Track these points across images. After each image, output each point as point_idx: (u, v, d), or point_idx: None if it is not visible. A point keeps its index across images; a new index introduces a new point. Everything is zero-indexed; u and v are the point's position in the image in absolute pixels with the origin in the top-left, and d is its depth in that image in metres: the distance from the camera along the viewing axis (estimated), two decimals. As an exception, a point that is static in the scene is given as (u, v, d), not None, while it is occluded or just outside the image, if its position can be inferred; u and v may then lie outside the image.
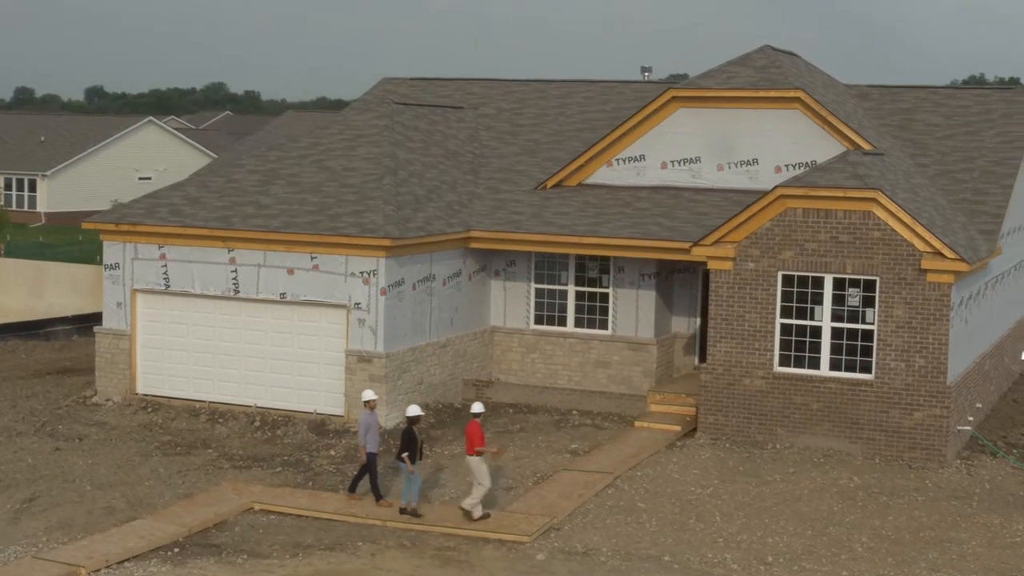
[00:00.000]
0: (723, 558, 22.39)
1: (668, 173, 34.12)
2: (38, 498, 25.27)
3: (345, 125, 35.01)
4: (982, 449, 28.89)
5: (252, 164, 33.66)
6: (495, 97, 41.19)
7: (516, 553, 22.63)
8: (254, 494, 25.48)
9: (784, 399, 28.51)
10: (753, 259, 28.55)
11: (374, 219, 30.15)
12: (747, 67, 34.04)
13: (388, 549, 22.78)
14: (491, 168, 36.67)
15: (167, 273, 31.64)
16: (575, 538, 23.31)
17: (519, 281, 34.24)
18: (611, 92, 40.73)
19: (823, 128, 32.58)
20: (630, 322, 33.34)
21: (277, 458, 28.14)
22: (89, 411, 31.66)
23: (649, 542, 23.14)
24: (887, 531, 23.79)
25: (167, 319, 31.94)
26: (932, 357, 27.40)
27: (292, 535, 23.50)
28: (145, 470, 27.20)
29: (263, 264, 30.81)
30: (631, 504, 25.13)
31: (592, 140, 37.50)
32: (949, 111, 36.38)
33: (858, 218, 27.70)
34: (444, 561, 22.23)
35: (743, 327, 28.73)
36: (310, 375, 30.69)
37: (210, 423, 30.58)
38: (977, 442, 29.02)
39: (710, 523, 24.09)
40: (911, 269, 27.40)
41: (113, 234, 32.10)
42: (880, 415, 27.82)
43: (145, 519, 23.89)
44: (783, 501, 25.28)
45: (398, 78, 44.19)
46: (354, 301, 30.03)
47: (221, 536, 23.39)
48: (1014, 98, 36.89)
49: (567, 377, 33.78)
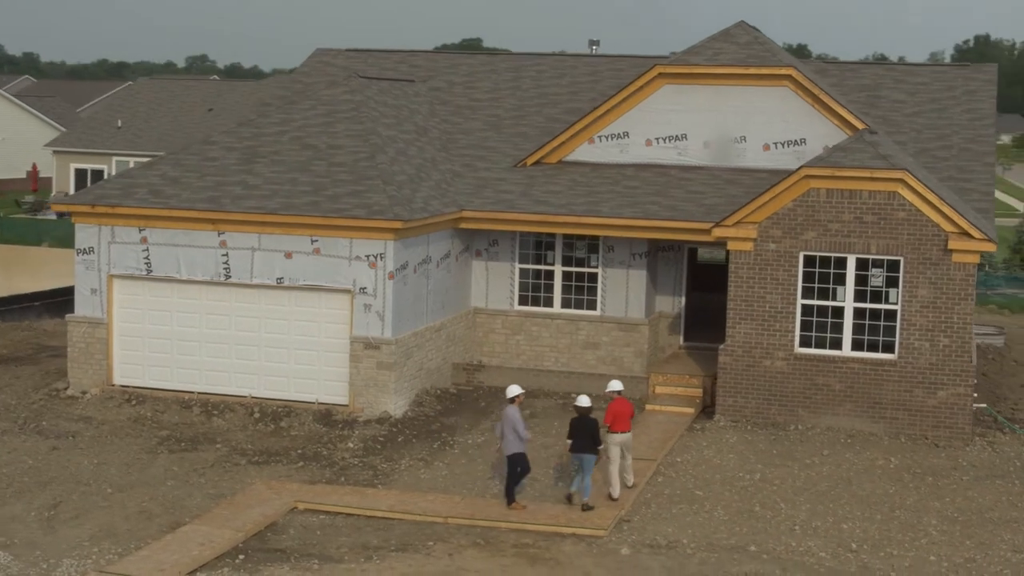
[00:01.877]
0: (808, 546, 22.09)
1: (653, 150, 33.62)
2: (61, 503, 23.54)
3: (316, 100, 33.53)
4: (989, 424, 29.21)
5: (226, 141, 31.98)
6: (441, 70, 40.06)
7: (598, 548, 21.94)
8: (293, 492, 24.21)
9: (806, 380, 28.38)
10: (775, 240, 28.29)
11: (378, 200, 28.92)
12: (730, 43, 33.71)
13: (463, 548, 21.84)
14: (459, 145, 35.64)
15: (149, 258, 29.85)
16: (650, 530, 22.74)
17: (502, 261, 33.38)
18: (563, 66, 39.99)
19: (813, 106, 32.46)
20: (619, 302, 32.81)
21: (292, 452, 26.83)
22: (66, 405, 29.74)
23: (726, 532, 22.71)
24: (951, 513, 23.82)
25: (148, 306, 30.17)
26: (956, 336, 27.58)
27: (353, 536, 22.38)
28: (158, 469, 25.63)
29: (257, 248, 29.30)
30: (688, 492, 24.66)
31: (555, 115, 36.89)
32: (911, 88, 36.69)
33: (883, 198, 27.65)
34: (530, 560, 21.40)
35: (764, 308, 28.47)
36: (309, 363, 29.36)
37: (205, 415, 29.01)
38: (983, 416, 29.32)
39: (776, 510, 23.78)
40: (936, 249, 27.49)
41: (88, 216, 30.13)
42: (903, 395, 27.91)
43: (193, 524, 22.42)
44: (835, 485, 25.13)
45: (333, 49, 42.64)
46: (359, 285, 28.79)
47: (279, 540, 22.13)
48: (972, 75, 37.41)
49: (553, 359, 33.10)
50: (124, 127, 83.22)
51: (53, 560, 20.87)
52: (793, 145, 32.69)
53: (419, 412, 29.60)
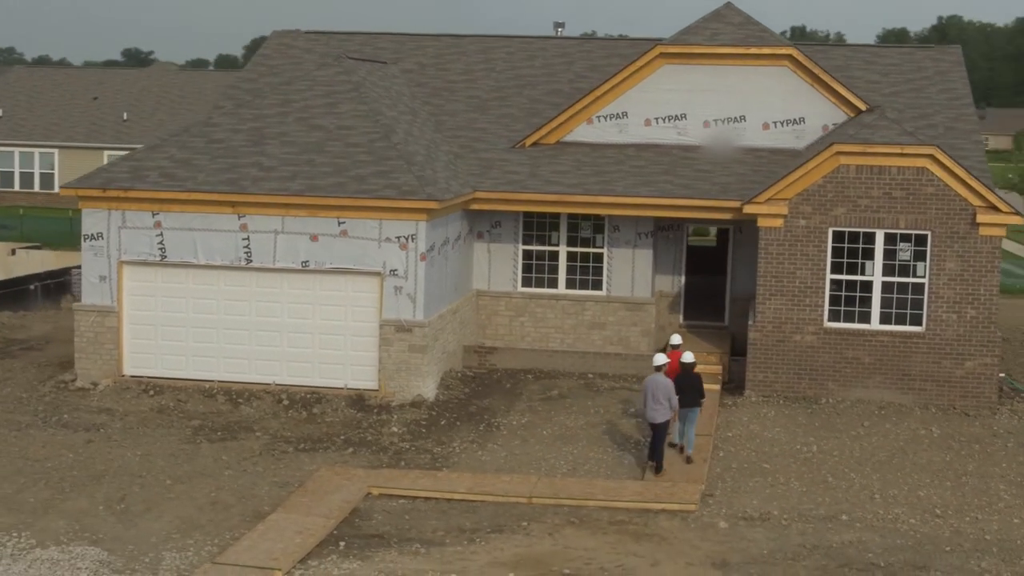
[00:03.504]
0: (895, 514, 22.40)
1: (652, 130, 33.69)
2: (126, 496, 22.63)
3: (312, 81, 32.78)
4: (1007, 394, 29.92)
5: (228, 123, 31.10)
6: (408, 52, 39.59)
7: (695, 522, 21.92)
8: (363, 478, 23.67)
9: (835, 353, 28.76)
10: (805, 216, 28.60)
11: (407, 180, 28.43)
12: (724, 24, 33.97)
13: (561, 527, 21.61)
14: (449, 126, 35.25)
15: (163, 243, 28.87)
16: (736, 503, 22.81)
17: (505, 243, 33.10)
18: (532, 48, 39.90)
19: (812, 85, 32.91)
20: (626, 282, 32.83)
21: (335, 438, 26.24)
22: (79, 397, 28.61)
23: (810, 502, 22.91)
24: (1014, 477, 24.41)
25: (161, 293, 29.19)
26: (983, 308, 28.26)
27: (442, 519, 21.97)
28: (206, 459, 24.82)
29: (280, 231, 28.55)
30: (756, 465, 24.81)
31: (537, 96, 36.79)
32: (883, 69, 37.44)
33: (912, 174, 28.16)
34: (633, 536, 21.27)
35: (794, 284, 28.77)
36: (336, 348, 28.72)
37: (231, 404, 28.19)
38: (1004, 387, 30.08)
39: (849, 480, 24.07)
40: (964, 223, 28.10)
41: (97, 200, 29.00)
42: (931, 366, 28.49)
43: (279, 513, 21.75)
44: (893, 455, 25.54)
45: (293, 31, 41.80)
46: (389, 268, 28.27)
47: (370, 525, 21.61)
48: (939, 56, 38.34)
49: (559, 340, 32.96)
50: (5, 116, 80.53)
51: (152, 554, 20.04)
52: (792, 124, 33.10)
53: (450, 395, 29.23)
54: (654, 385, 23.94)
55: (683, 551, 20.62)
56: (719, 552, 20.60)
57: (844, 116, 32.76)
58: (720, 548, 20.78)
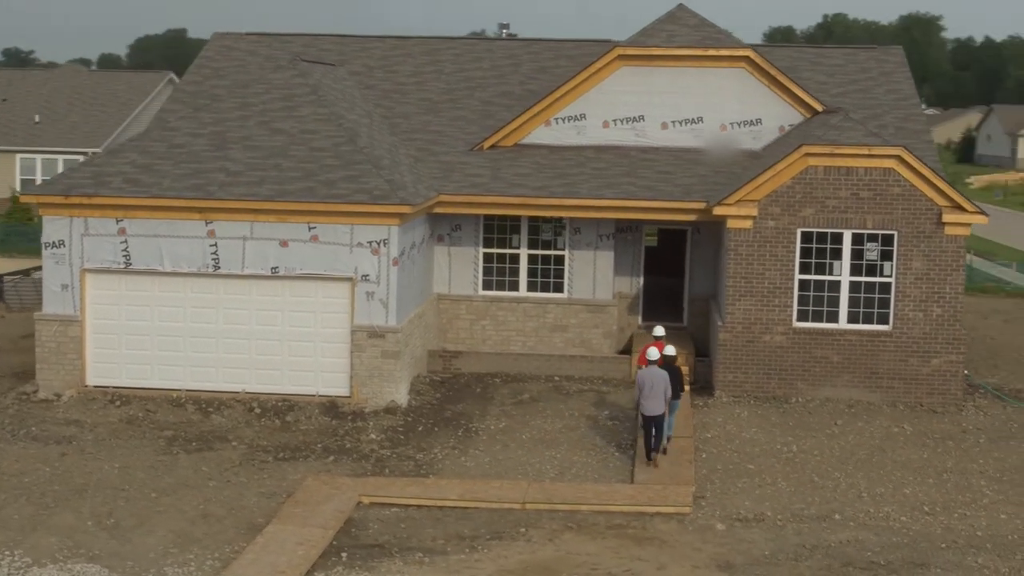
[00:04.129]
0: (885, 512, 22.68)
1: (611, 132, 33.76)
2: (114, 511, 22.14)
3: (268, 84, 32.32)
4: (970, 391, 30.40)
5: (187, 127, 30.57)
6: (353, 54, 39.28)
7: (691, 525, 22.00)
8: (351, 487, 23.39)
9: (804, 353, 29.05)
10: (773, 217, 28.84)
11: (378, 185, 28.18)
12: (680, 26, 34.15)
13: (560, 533, 21.56)
14: (403, 129, 35.01)
15: (128, 250, 28.31)
16: (728, 505, 22.94)
17: (466, 246, 32.96)
18: (478, 50, 39.85)
19: (769, 87, 33.22)
20: (587, 284, 32.86)
21: (314, 446, 25.93)
22: (43, 409, 27.94)
23: (801, 502, 23.11)
24: (992, 473, 24.84)
25: (126, 301, 28.61)
26: (949, 306, 28.71)
27: (438, 527, 21.80)
28: (186, 470, 24.38)
29: (249, 236, 28.14)
30: (740, 466, 24.97)
31: (488, 98, 36.72)
32: (828, 69, 37.91)
33: (879, 175, 28.52)
34: (634, 540, 21.29)
35: (763, 284, 28.99)
36: (306, 355, 28.38)
37: (202, 414, 27.72)
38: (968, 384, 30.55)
39: (835, 479, 24.32)
40: (929, 223, 28.52)
41: (59, 208, 28.33)
42: (898, 364, 28.88)
43: (274, 524, 21.43)
44: (872, 453, 25.84)
45: (233, 33, 41.30)
46: (361, 273, 27.99)
47: (367, 535, 21.39)
48: (883, 57, 38.92)
49: (521, 343, 32.90)
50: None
51: (154, 570, 19.65)
52: (749, 125, 33.38)
53: (422, 401, 29.03)
54: (651, 378, 24.28)
55: (686, 554, 20.68)
56: (721, 554, 20.69)
57: (800, 117, 33.12)
58: (722, 550, 20.87)
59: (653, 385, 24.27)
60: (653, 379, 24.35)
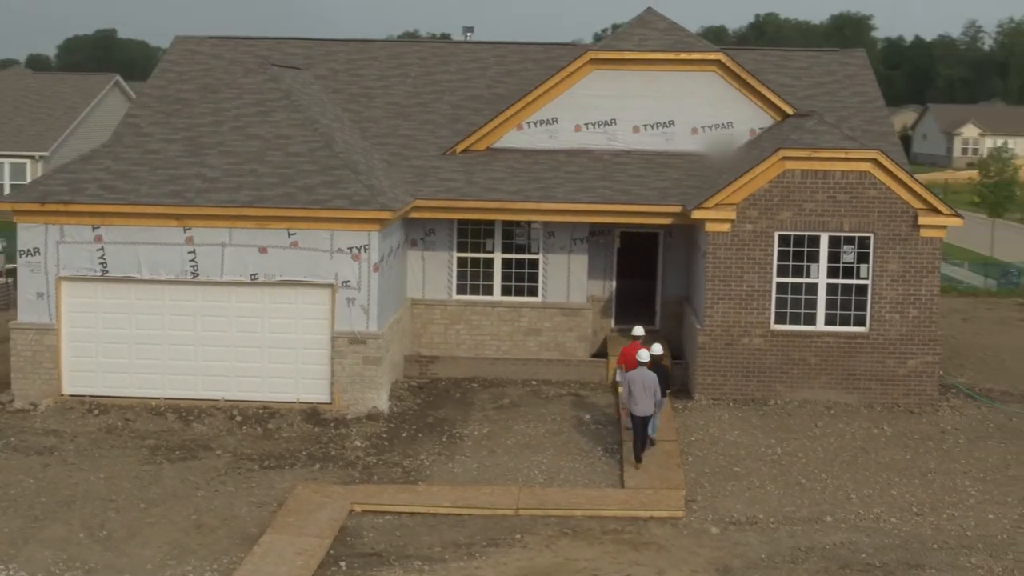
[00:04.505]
0: (875, 513, 22.91)
1: (582, 136, 33.81)
2: (105, 522, 21.89)
3: (240, 89, 32.08)
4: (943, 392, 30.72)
5: (160, 132, 30.28)
6: (319, 58, 39.08)
7: (686, 529, 22.11)
8: (342, 495, 23.29)
9: (782, 355, 29.25)
10: (751, 220, 29.02)
11: (358, 190, 28.05)
12: (650, 30, 34.27)
13: (556, 539, 21.59)
14: (372, 133, 34.87)
15: (104, 257, 27.99)
16: (720, 508, 23.07)
17: (440, 251, 32.88)
18: (443, 53, 39.76)
19: (740, 90, 33.40)
20: (561, 288, 32.89)
21: (299, 454, 25.76)
22: (20, 419, 27.57)
23: (791, 505, 23.29)
24: (974, 473, 25.14)
25: (102, 309, 28.29)
26: (924, 307, 29.01)
27: (434, 535, 21.77)
28: (173, 480, 24.15)
29: (228, 243, 27.92)
30: (728, 470, 25.11)
31: (457, 102, 36.68)
32: (793, 72, 38.19)
33: (855, 178, 28.77)
34: (631, 545, 21.36)
35: (741, 287, 29.16)
36: (286, 361, 28.20)
37: (182, 422, 27.47)
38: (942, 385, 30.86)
39: (822, 481, 24.52)
40: (905, 225, 28.81)
41: (35, 215, 27.96)
42: (875, 365, 29.15)
43: (269, 534, 21.29)
44: (856, 455, 26.07)
45: (194, 37, 40.93)
46: (342, 279, 27.86)
47: (363, 543, 21.31)
48: (846, 60, 39.27)
49: (495, 347, 32.85)
50: None
51: (153, 583, 19.48)
52: (720, 128, 33.56)
53: (403, 407, 28.94)
54: (641, 379, 24.69)
55: (684, 558, 20.78)
56: (719, 558, 20.81)
57: (770, 120, 33.34)
58: (719, 554, 20.99)
59: (645, 386, 24.59)
60: (644, 380, 24.67)
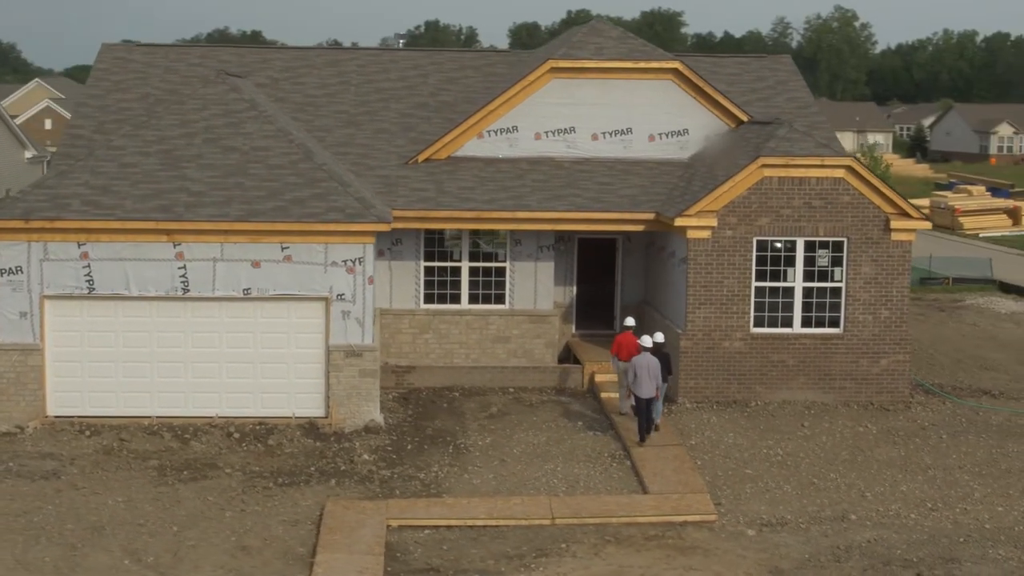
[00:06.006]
0: (894, 510, 23.79)
1: (542, 144, 34.18)
2: (145, 548, 21.49)
3: (203, 100, 31.60)
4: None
5: (133, 145, 29.67)
6: (255, 66, 38.69)
7: (722, 532, 22.67)
8: (374, 511, 23.21)
9: (762, 358, 30.05)
10: (731, 227, 29.75)
11: (349, 203, 27.96)
12: (604, 38, 34.84)
13: (602, 547, 21.92)
14: (328, 143, 34.67)
15: (91, 275, 27.36)
16: (747, 510, 23.68)
17: (406, 260, 32.90)
18: (381, 61, 39.72)
19: (696, 98, 34.16)
20: (528, 295, 33.21)
21: (309, 470, 25.57)
22: (8, 443, 26.76)
23: (813, 504, 24.03)
24: (970, 467, 26.25)
25: (88, 328, 27.65)
26: (895, 308, 30.13)
27: (480, 547, 21.93)
28: (194, 501, 23.78)
29: (219, 258, 27.56)
30: (739, 472, 25.75)
31: (405, 110, 36.76)
32: (727, 79, 39.11)
33: (830, 184, 29.72)
34: (677, 550, 21.82)
35: (721, 292, 29.87)
36: (279, 376, 27.96)
37: (179, 441, 27.02)
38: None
39: (833, 480, 25.33)
40: (877, 229, 29.87)
41: (16, 232, 27.18)
42: (850, 365, 30.17)
43: (323, 553, 21.17)
44: (853, 453, 26.96)
45: (120, 44, 40.28)
46: (336, 292, 27.74)
47: (414, 559, 21.36)
48: (774, 66, 40.42)
49: (464, 355, 33.03)
50: None
51: (226, 607, 19.25)
52: (676, 135, 34.28)
53: (397, 418, 28.93)
54: (645, 364, 26.68)
55: (733, 561, 21.32)
56: (766, 559, 21.40)
57: (725, 127, 34.16)
58: (764, 555, 21.58)
59: (649, 370, 26.54)
60: (649, 364, 26.67)
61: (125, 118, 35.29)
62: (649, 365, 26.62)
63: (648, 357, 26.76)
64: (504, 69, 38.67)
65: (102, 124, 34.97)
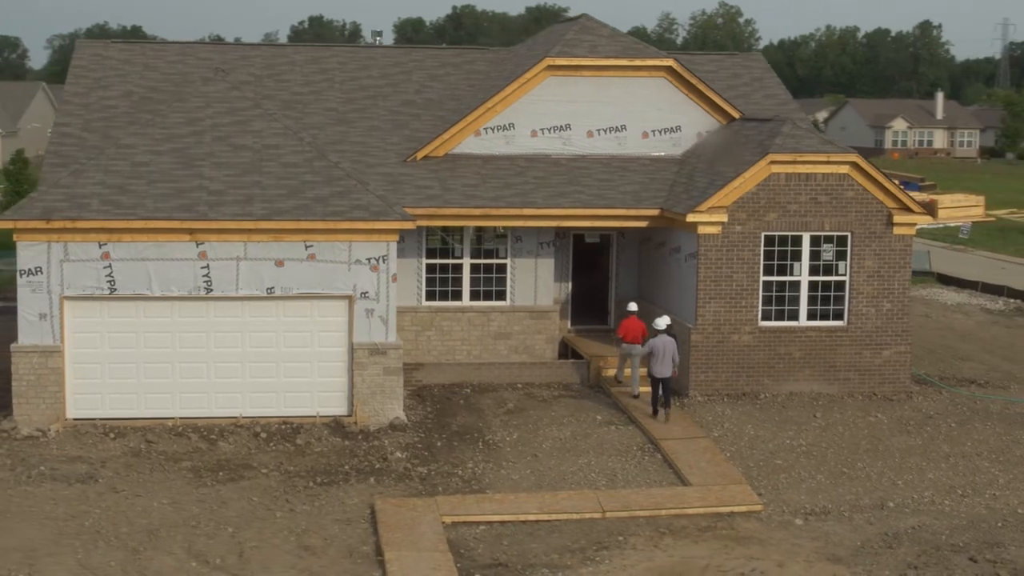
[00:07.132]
0: (929, 497, 24.50)
1: (539, 141, 34.42)
2: (207, 550, 21.41)
3: (206, 98, 31.34)
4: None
5: (143, 144, 29.37)
6: (235, 63, 38.38)
7: (771, 522, 23.17)
8: (426, 508, 23.33)
9: (769, 351, 30.63)
10: (740, 222, 30.27)
11: (372, 201, 28.00)
12: (595, 36, 35.17)
13: (659, 539, 22.31)
14: (321, 140, 34.46)
15: (112, 275, 27.06)
16: (789, 500, 24.22)
17: (408, 258, 32.93)
18: (361, 58, 39.69)
19: (688, 95, 34.65)
20: (528, 291, 33.47)
21: (344, 468, 25.59)
22: (32, 446, 26.40)
23: (850, 493, 24.64)
24: (988, 454, 27.08)
25: (109, 329, 27.35)
26: (897, 301, 30.90)
27: (540, 542, 22.19)
28: (240, 502, 23.68)
29: (243, 257, 27.42)
30: (769, 463, 26.28)
31: (394, 107, 36.80)
32: (705, 76, 39.59)
33: (835, 180, 30.39)
34: (734, 540, 22.28)
35: (731, 287, 30.39)
36: (303, 375, 27.91)
37: (206, 442, 26.86)
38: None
39: (861, 469, 25.97)
40: (880, 224, 30.61)
41: (36, 233, 26.79)
42: (854, 357, 30.89)
43: (391, 551, 21.24)
44: (872, 443, 27.64)
45: (96, 41, 39.72)
46: (360, 290, 27.76)
47: (479, 555, 21.58)
48: (747, 63, 41.09)
49: (465, 352, 33.20)
50: None
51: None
52: (669, 132, 34.76)
53: (419, 416, 29.02)
54: (663, 344, 28.34)
55: (790, 550, 21.82)
56: (822, 548, 21.93)
57: (716, 124, 34.71)
58: (818, 544, 22.12)
59: (665, 350, 28.26)
60: (665, 345, 28.38)
61: (111, 116, 34.87)
62: (665, 345, 28.25)
63: (665, 338, 28.41)
64: (485, 67, 38.84)
65: (88, 122, 34.50)
